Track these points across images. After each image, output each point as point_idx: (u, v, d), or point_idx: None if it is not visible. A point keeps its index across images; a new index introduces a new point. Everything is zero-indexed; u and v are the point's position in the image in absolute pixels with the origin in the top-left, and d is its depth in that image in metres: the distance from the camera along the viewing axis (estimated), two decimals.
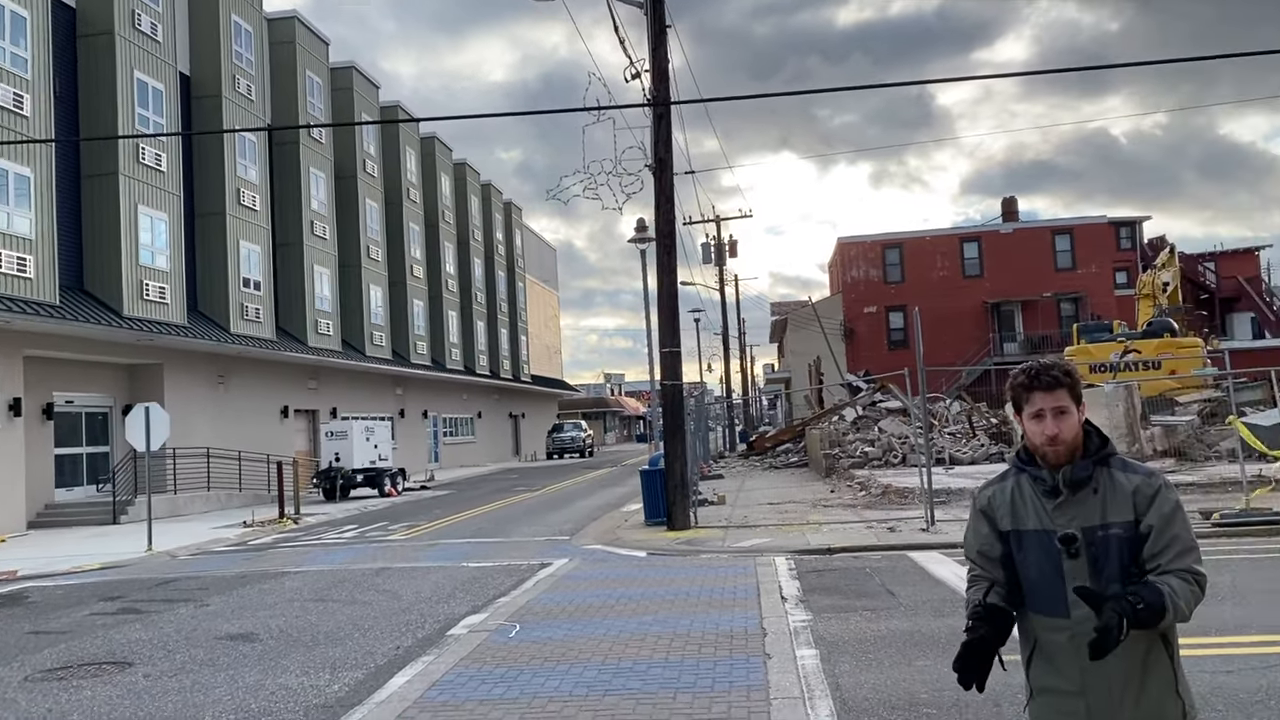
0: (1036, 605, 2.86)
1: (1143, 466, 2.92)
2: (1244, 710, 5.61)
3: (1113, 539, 2.77)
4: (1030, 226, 55.15)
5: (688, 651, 7.74)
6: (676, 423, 16.85)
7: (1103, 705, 2.77)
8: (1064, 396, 2.84)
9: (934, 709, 5.99)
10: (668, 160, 17.00)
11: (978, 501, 3.05)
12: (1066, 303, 52.16)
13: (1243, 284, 57.02)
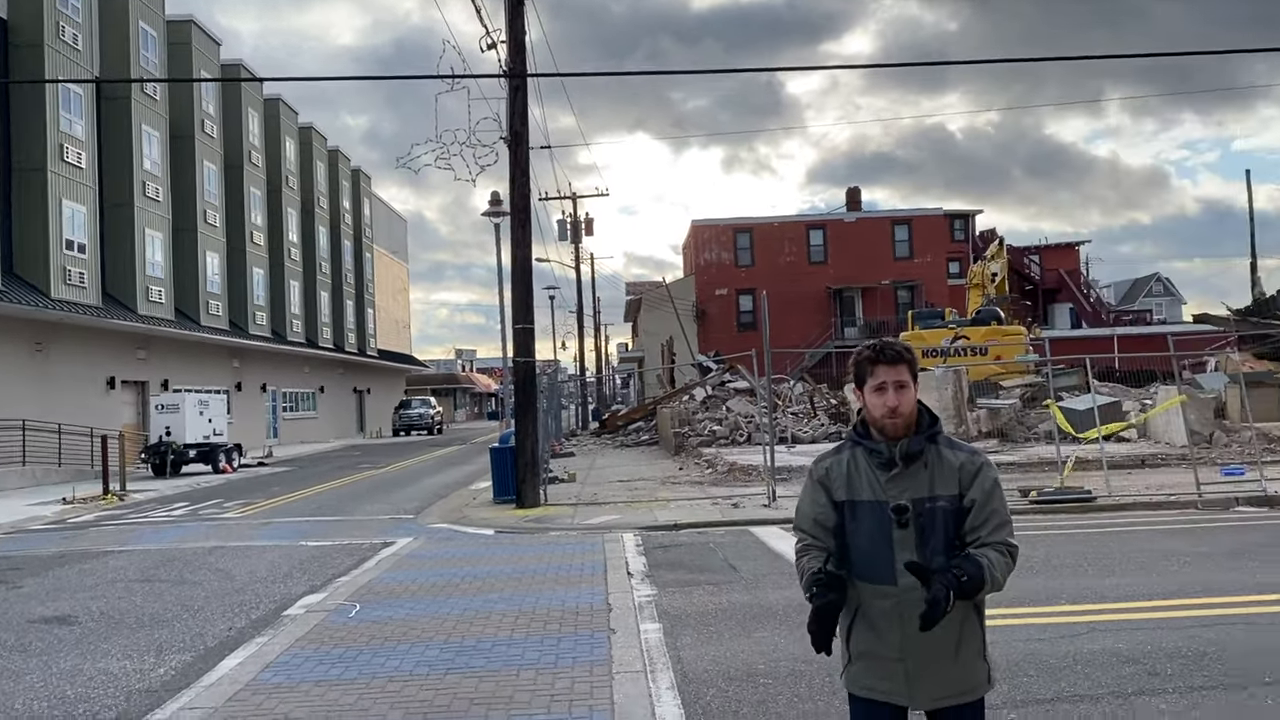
0: (864, 573, 2.98)
1: (967, 445, 3.11)
2: (1053, 675, 6.00)
3: (939, 511, 2.93)
4: (872, 216, 57.27)
5: (533, 629, 7.74)
6: (528, 400, 16.75)
7: (920, 668, 2.95)
8: (905, 371, 3.00)
9: (771, 679, 6.17)
10: (523, 133, 16.81)
11: (814, 472, 3.15)
12: (904, 290, 54.47)
13: (1064, 277, 60.78)
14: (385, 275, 67.26)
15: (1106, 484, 14.37)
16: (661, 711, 5.59)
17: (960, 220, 58.82)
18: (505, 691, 6.07)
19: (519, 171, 16.81)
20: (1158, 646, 6.51)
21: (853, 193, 60.09)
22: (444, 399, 78.87)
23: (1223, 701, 5.43)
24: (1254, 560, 9.47)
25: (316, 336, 51.50)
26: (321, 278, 52.82)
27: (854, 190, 60.16)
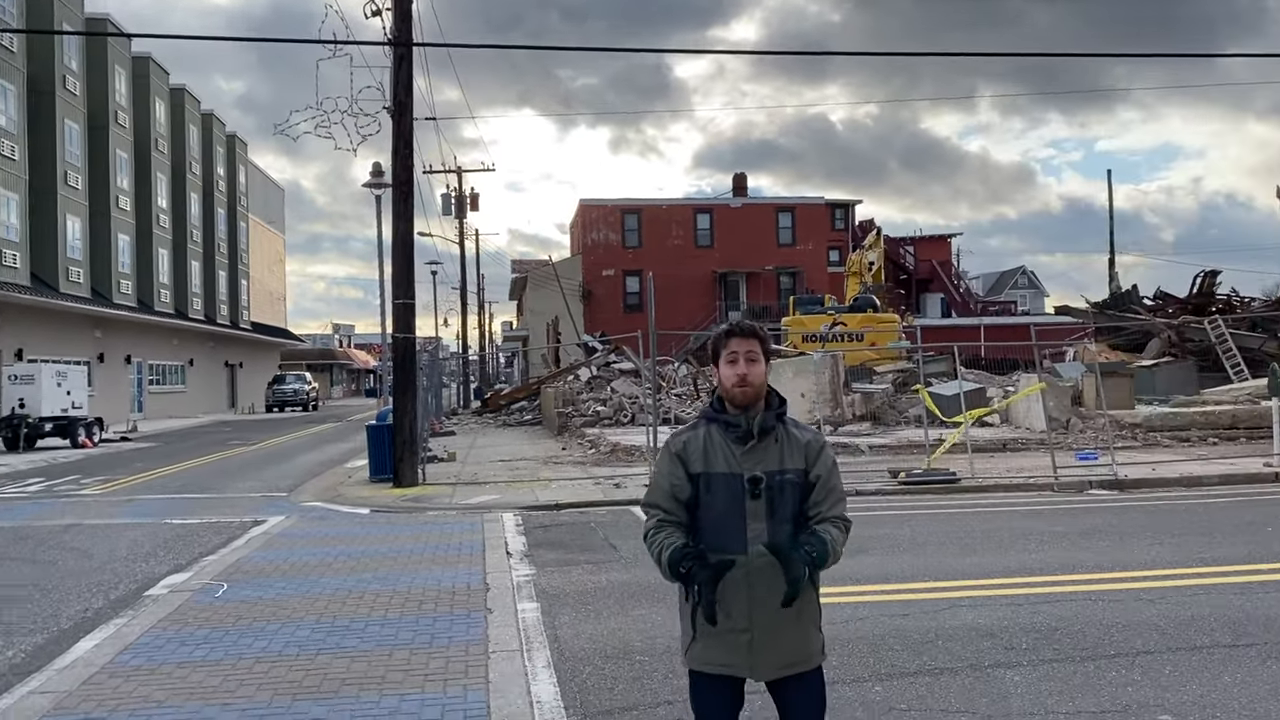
0: (715, 544, 3.10)
1: (808, 427, 3.35)
2: (916, 649, 6.23)
3: (788, 484, 3.13)
4: (757, 203, 58.10)
5: (408, 609, 7.63)
6: (408, 377, 16.47)
7: (764, 638, 3.12)
8: (755, 345, 3.20)
9: (647, 656, 6.24)
10: (408, 104, 16.44)
11: (672, 446, 3.26)
12: (786, 276, 55.50)
13: (936, 267, 62.95)
14: (260, 246, 65.02)
15: (971, 467, 14.97)
16: (537, 690, 5.59)
17: (841, 210, 60.23)
18: (378, 671, 5.98)
19: (402, 143, 16.45)
20: (1014, 621, 6.83)
21: (739, 179, 60.82)
22: (320, 375, 76.87)
23: (1072, 673, 5.73)
24: (1104, 540, 10.02)
25: (186, 307, 49.49)
26: (193, 246, 50.74)
27: (740, 176, 60.91)
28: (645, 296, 20.65)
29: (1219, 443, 18.98)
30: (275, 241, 71.13)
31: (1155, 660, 5.91)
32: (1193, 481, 14.31)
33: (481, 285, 62.06)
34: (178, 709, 5.37)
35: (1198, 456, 16.99)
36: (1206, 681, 5.51)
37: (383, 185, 25.31)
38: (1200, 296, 28.61)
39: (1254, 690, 5.35)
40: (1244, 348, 24.59)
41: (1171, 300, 29.82)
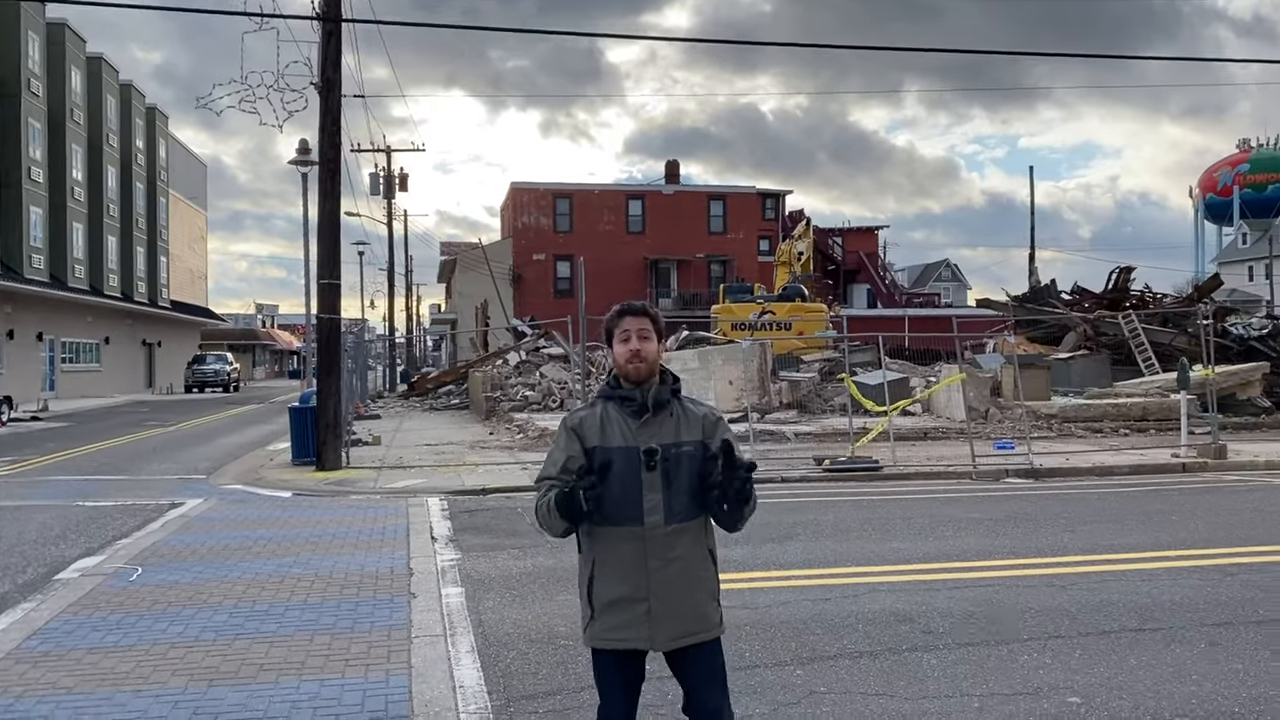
0: (613, 517, 3.17)
1: (703, 403, 3.43)
2: (837, 633, 6.34)
3: (684, 455, 3.21)
4: (689, 190, 58.28)
5: (329, 593, 7.52)
6: (332, 359, 16.20)
7: (661, 607, 3.20)
8: (646, 323, 3.31)
9: (572, 640, 6.24)
10: (336, 81, 16.12)
11: (569, 422, 3.36)
12: (716, 264, 55.82)
13: (863, 259, 63.89)
14: (181, 222, 63.25)
15: (893, 454, 15.26)
16: (460, 674, 5.56)
17: (772, 200, 60.72)
18: (298, 656, 5.89)
19: (330, 120, 16.13)
20: (932, 606, 6.99)
21: (671, 165, 60.91)
22: (242, 355, 75.19)
23: (987, 656, 5.88)
24: (1020, 527, 10.29)
25: (102, 284, 47.95)
26: (109, 221, 49.13)
27: (673, 163, 61.00)
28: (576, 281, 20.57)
29: (1130, 434, 19.62)
30: (197, 218, 69.27)
31: (1066, 644, 6.10)
32: (1105, 471, 14.77)
33: (410, 267, 61.30)
34: (88, 695, 5.22)
35: (1110, 447, 17.54)
36: (1114, 664, 5.71)
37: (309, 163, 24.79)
38: (1115, 292, 29.48)
39: (1158, 673, 5.56)
40: (1155, 342, 25.42)
41: (1088, 295, 30.66)
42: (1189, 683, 5.38)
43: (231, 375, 55.02)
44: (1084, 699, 5.13)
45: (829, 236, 63.06)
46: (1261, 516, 10.82)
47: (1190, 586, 7.53)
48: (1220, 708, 5.01)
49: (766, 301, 34.27)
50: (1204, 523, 10.45)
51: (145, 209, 54.45)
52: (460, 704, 5.10)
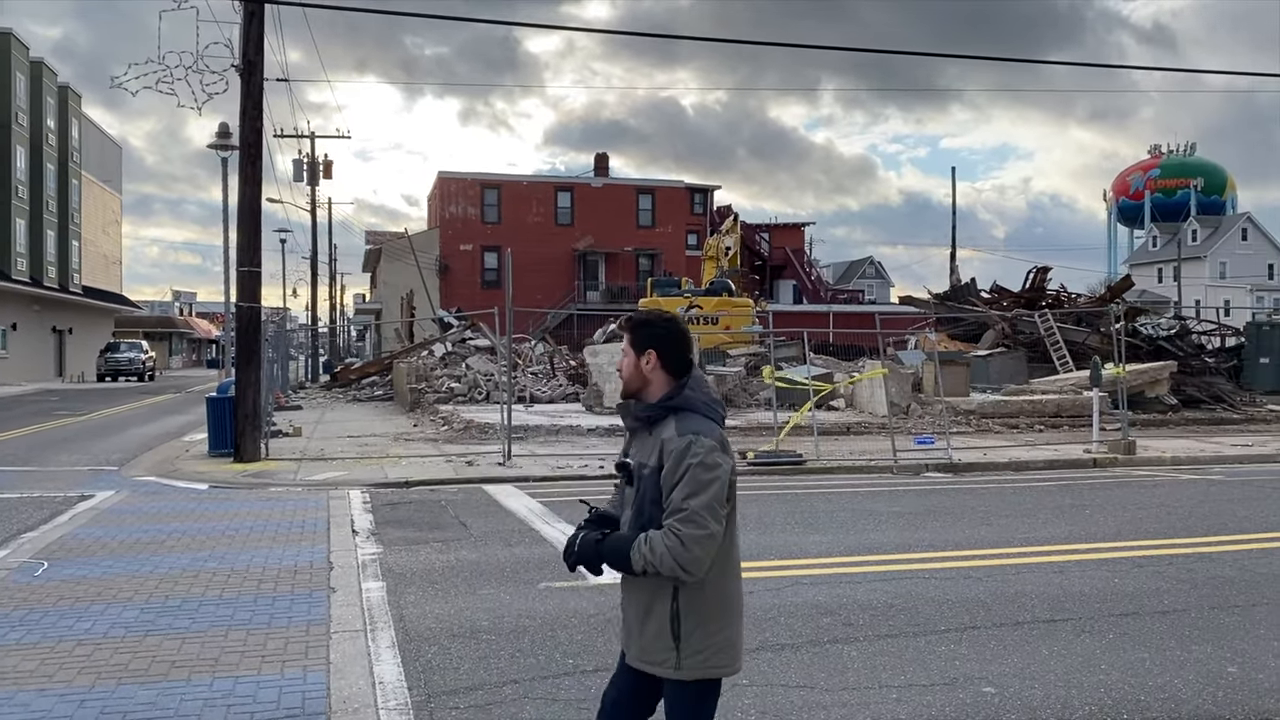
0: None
1: (694, 427, 3.01)
2: (759, 626, 6.39)
3: (645, 478, 3.08)
4: (618, 184, 58.25)
5: (246, 588, 7.35)
6: (252, 348, 15.83)
7: (628, 627, 3.21)
8: (626, 341, 3.23)
9: (494, 635, 6.19)
10: (258, 63, 15.73)
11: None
12: (645, 258, 55.92)
13: (790, 255, 64.60)
14: (95, 206, 61.17)
15: (816, 449, 15.46)
16: (380, 670, 5.48)
17: (700, 194, 61.02)
18: (211, 653, 5.74)
19: (252, 104, 15.74)
20: (853, 599, 7.09)
21: (601, 158, 60.84)
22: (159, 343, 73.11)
23: (905, 647, 5.99)
24: (939, 521, 10.51)
25: (9, 268, 46.16)
26: (18, 203, 47.30)
27: (602, 156, 60.94)
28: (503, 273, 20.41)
29: (1045, 429, 20.18)
30: (111, 202, 67.06)
31: (981, 635, 6.24)
32: (1020, 466, 15.16)
33: (334, 256, 60.17)
34: None
35: (1025, 442, 18.01)
36: (1026, 654, 5.85)
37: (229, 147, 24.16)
38: (1032, 291, 30.26)
39: (1068, 662, 5.72)
40: (1070, 341, 26.16)
41: (1006, 294, 31.42)
42: (1098, 672, 5.54)
43: (147, 364, 53.44)
44: (998, 689, 5.25)
45: (756, 232, 63.60)
46: (1167, 511, 11.20)
47: (1100, 578, 7.76)
48: (1127, 696, 5.17)
49: (694, 296, 34.44)
50: (1113, 516, 10.79)
51: (56, 191, 52.55)
52: (380, 700, 5.03)
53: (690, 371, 3.14)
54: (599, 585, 7.39)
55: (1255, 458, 16.35)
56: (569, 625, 6.40)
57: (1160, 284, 75.62)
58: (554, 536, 9.32)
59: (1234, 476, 14.26)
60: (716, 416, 3.10)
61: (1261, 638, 6.19)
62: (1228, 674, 5.51)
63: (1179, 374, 24.29)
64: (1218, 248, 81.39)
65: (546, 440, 17.95)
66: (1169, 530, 9.88)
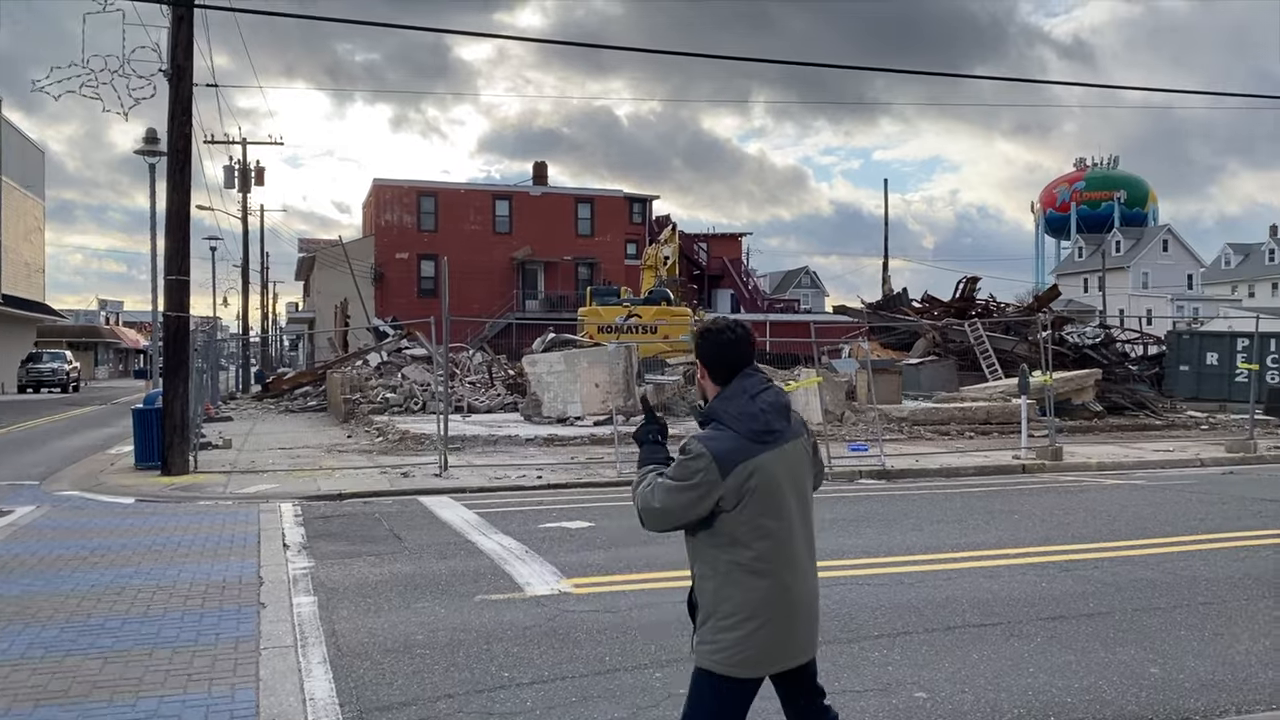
0: None
1: (703, 435, 3.27)
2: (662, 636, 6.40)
3: None
4: (557, 192, 58.17)
5: (172, 605, 7.17)
6: (180, 358, 15.48)
7: None
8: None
9: (429, 649, 6.12)
10: (187, 68, 15.42)
11: None
12: (584, 266, 55.92)
13: (727, 264, 65.06)
14: (16, 212, 59.31)
15: None
16: (311, 686, 5.38)
17: (639, 204, 61.20)
18: (135, 672, 5.58)
19: (181, 109, 15.42)
20: None
21: (539, 167, 60.73)
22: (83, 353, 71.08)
23: (839, 654, 6.04)
24: (872, 527, 10.64)
25: None
26: None
27: (540, 165, 60.83)
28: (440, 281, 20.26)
29: (975, 436, 20.56)
30: (34, 208, 65.08)
31: (913, 640, 6.33)
32: (951, 472, 15.43)
33: (266, 264, 59.15)
34: None
35: (956, 449, 18.34)
36: (958, 659, 5.95)
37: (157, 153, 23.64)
38: (962, 301, 30.87)
39: (998, 666, 5.82)
40: (999, 349, 26.73)
41: (937, 304, 32.00)
42: (1026, 675, 5.65)
43: (71, 374, 51.95)
44: (930, 694, 5.33)
45: (694, 242, 63.95)
46: (1093, 515, 11.48)
47: (1028, 582, 7.93)
48: (1054, 699, 5.28)
49: (633, 305, 34.50)
50: (1041, 521, 11.03)
51: None
52: (310, 716, 4.94)
53: (730, 382, 3.29)
54: (535, 597, 7.37)
55: (1176, 462, 16.84)
56: (504, 638, 6.35)
57: (1086, 293, 77.67)
58: (490, 548, 9.25)
59: (1156, 481, 14.67)
60: (744, 429, 3.20)
61: (1182, 639, 6.36)
62: (1150, 675, 5.66)
63: (1104, 381, 24.94)
64: (1140, 258, 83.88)
65: (484, 451, 17.82)
66: (1095, 534, 10.13)
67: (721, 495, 3.15)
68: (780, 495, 3.22)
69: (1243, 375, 23.31)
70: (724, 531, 3.19)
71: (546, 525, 10.44)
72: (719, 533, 3.20)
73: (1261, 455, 17.42)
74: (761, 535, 3.19)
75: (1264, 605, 7.21)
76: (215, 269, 58.29)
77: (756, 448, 3.18)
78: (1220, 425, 23.18)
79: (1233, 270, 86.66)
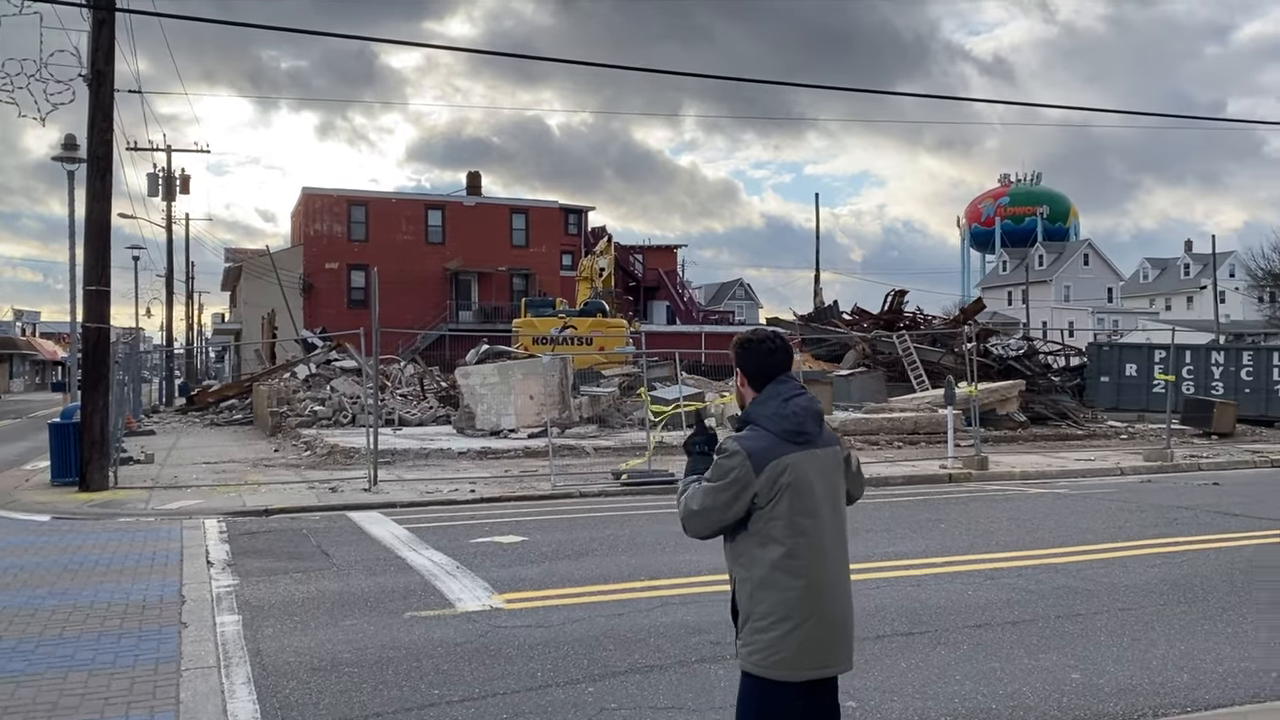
0: None
1: (738, 435, 3.37)
2: (629, 648, 6.40)
3: None
4: (491, 202, 57.85)
5: (89, 626, 6.95)
6: (100, 371, 15.04)
7: None
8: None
9: (357, 667, 6.02)
10: (108, 73, 15.03)
11: None
12: (519, 277, 55.63)
13: (663, 276, 65.28)
14: None
15: None
16: (234, 708, 5.25)
17: (575, 215, 61.15)
18: (49, 697, 5.39)
19: (101, 115, 15.02)
20: (721, 617, 7.11)
21: (473, 177, 60.35)
22: None
23: None
24: None
25: None
26: None
27: (474, 175, 60.47)
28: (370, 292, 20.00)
29: (904, 446, 20.89)
30: None
31: None
32: (881, 482, 15.64)
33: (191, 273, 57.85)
34: None
35: (885, 459, 18.61)
36: (886, 668, 6.02)
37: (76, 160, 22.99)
38: (890, 313, 31.38)
39: (925, 674, 5.91)
40: (926, 361, 27.21)
41: (866, 316, 32.49)
42: (953, 683, 5.74)
43: None
44: (859, 703, 5.39)
45: (630, 253, 64.06)
46: (1018, 524, 11.74)
47: (955, 591, 8.07)
48: (980, 706, 5.38)
49: (568, 316, 34.43)
50: (967, 530, 11.24)
51: None
52: None
53: (764, 388, 3.38)
54: (466, 613, 7.29)
55: (1097, 471, 17.31)
56: (434, 655, 6.27)
57: (1010, 306, 79.54)
58: (421, 564, 9.13)
59: (1078, 490, 15.06)
60: (777, 429, 3.28)
61: (1102, 644, 6.53)
62: (1072, 680, 5.79)
63: (1028, 392, 25.53)
64: (1062, 272, 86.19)
65: (415, 464, 17.60)
66: (1019, 543, 10.35)
67: (756, 492, 3.21)
68: (813, 496, 3.27)
69: (1160, 386, 24.07)
70: (758, 531, 3.25)
71: (479, 540, 10.35)
72: (754, 532, 3.26)
73: (1178, 464, 17.99)
74: (796, 532, 3.23)
75: (1179, 610, 7.43)
76: (138, 279, 56.89)
77: (789, 447, 3.25)
78: (1139, 435, 23.88)
79: (1150, 284, 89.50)
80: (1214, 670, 5.98)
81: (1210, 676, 5.87)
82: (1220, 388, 26.26)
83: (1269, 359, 26.71)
